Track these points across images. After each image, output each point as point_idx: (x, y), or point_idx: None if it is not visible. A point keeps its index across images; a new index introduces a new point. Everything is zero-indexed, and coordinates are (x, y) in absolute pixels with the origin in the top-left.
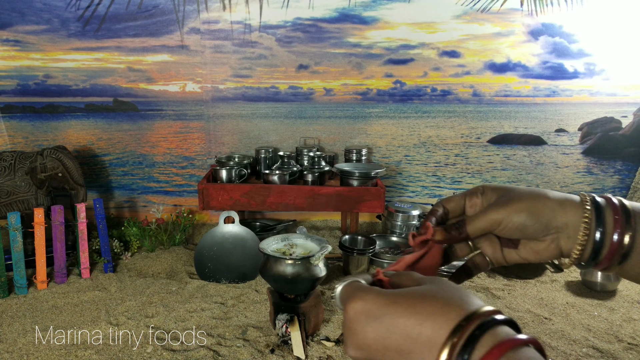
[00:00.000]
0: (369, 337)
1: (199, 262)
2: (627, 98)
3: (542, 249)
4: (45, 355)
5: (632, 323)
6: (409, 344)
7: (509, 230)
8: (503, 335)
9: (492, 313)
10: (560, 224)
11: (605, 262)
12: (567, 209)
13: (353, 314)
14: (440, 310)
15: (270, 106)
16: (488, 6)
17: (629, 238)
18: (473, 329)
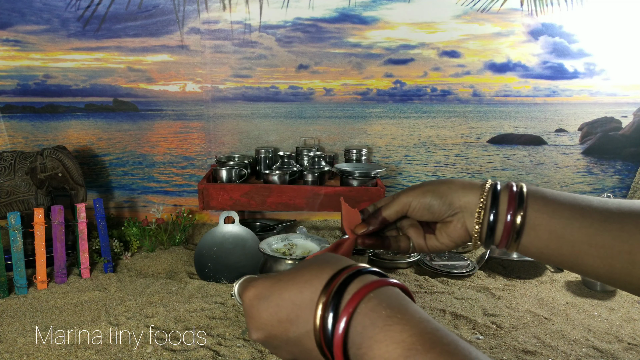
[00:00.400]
0: (263, 316)
1: (199, 262)
2: (627, 98)
3: (452, 230)
4: (45, 355)
5: (632, 323)
6: (296, 311)
7: (418, 210)
8: (366, 281)
9: (360, 267)
10: (463, 204)
11: (503, 241)
12: (467, 191)
13: (248, 301)
14: (315, 274)
15: (270, 106)
16: (488, 6)
17: (520, 218)
18: (341, 281)
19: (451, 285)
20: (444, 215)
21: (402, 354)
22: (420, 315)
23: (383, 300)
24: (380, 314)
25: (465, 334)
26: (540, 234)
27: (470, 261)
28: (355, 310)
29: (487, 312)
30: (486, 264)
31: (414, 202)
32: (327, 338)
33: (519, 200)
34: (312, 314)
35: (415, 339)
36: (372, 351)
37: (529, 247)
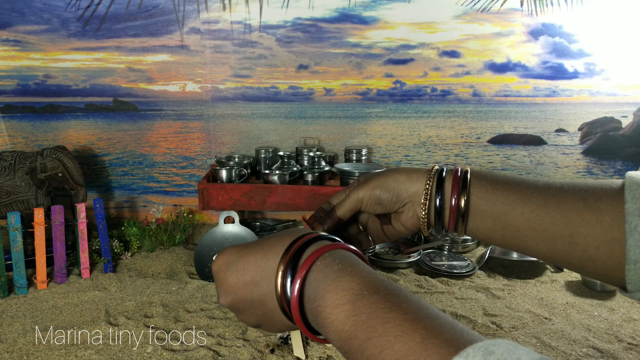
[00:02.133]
0: (230, 280)
1: (199, 262)
2: (627, 98)
3: (404, 219)
4: (45, 355)
5: (632, 323)
6: (260, 273)
7: (370, 205)
8: (322, 244)
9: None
10: (410, 193)
11: (451, 224)
12: (414, 180)
13: (217, 268)
14: (279, 241)
15: (270, 106)
16: (488, 6)
17: (464, 202)
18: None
19: (451, 285)
20: (395, 207)
21: (350, 299)
22: (368, 269)
23: (336, 258)
24: (332, 269)
25: None
26: (485, 220)
27: (470, 261)
28: (311, 269)
29: (487, 312)
30: (486, 264)
31: (365, 198)
32: (286, 297)
33: (462, 184)
34: (274, 276)
35: (362, 287)
36: (324, 301)
37: (476, 231)
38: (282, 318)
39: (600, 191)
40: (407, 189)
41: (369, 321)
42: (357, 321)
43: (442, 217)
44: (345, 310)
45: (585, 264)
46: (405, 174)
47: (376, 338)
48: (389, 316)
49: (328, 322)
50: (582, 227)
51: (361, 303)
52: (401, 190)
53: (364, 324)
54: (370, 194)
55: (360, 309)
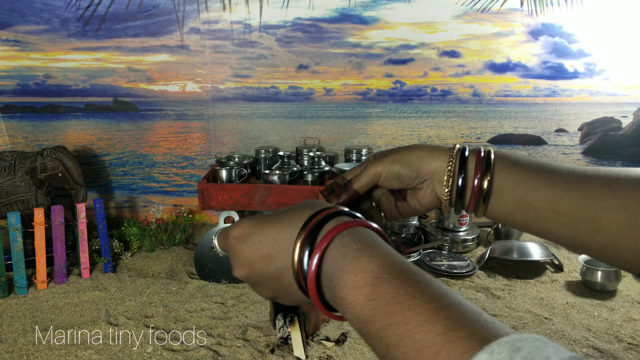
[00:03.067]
0: (246, 253)
1: (199, 262)
2: (627, 98)
3: (422, 196)
4: (45, 355)
5: (632, 323)
6: (277, 247)
7: (388, 180)
8: (341, 220)
9: (339, 209)
10: (431, 170)
11: (471, 205)
12: (435, 156)
13: (233, 240)
14: (297, 214)
15: (270, 106)
16: (488, 6)
17: (487, 183)
18: (319, 220)
19: (451, 285)
20: (414, 183)
21: (369, 282)
22: (389, 249)
23: (356, 236)
24: (352, 248)
25: None
26: (507, 201)
27: (470, 261)
28: (329, 246)
29: (487, 312)
30: (486, 264)
31: (383, 172)
32: (303, 272)
33: (485, 165)
34: (291, 250)
35: (383, 269)
36: (342, 281)
37: (496, 212)
38: (298, 292)
39: (625, 177)
40: (428, 166)
41: (389, 306)
42: (376, 305)
43: (464, 197)
44: (364, 293)
45: (606, 250)
46: (427, 150)
47: (396, 325)
48: (410, 303)
49: (346, 302)
50: (607, 212)
51: (381, 287)
52: (422, 166)
53: (383, 309)
54: (389, 168)
55: (379, 293)
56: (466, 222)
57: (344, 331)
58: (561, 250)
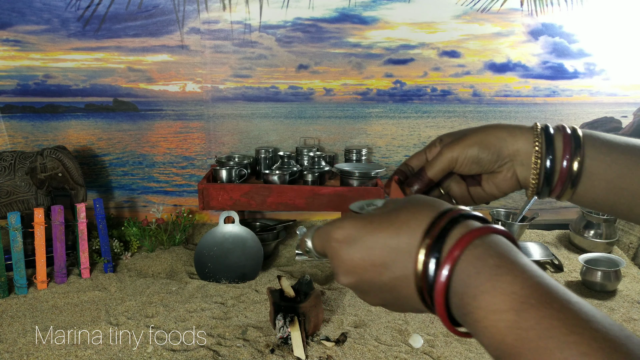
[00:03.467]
0: (355, 259)
1: (199, 262)
2: (627, 98)
3: (500, 180)
4: (45, 355)
5: (632, 323)
6: (391, 254)
7: (466, 165)
8: (471, 226)
9: (461, 210)
10: (512, 152)
11: (557, 189)
12: (517, 136)
13: (336, 244)
14: (413, 216)
15: (270, 106)
16: (488, 6)
17: (577, 164)
18: (443, 225)
19: None
20: (494, 167)
21: (514, 307)
22: (531, 266)
23: (490, 248)
24: (487, 263)
25: None
26: (597, 183)
27: None
28: (459, 257)
29: None
30: None
31: (460, 158)
32: (428, 284)
33: (575, 143)
34: (410, 259)
35: (529, 292)
36: (476, 301)
37: (583, 196)
38: (416, 304)
39: None
40: (509, 147)
41: (542, 341)
42: (522, 337)
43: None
44: (507, 319)
45: None
46: (506, 130)
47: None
48: (570, 340)
49: (481, 325)
50: None
51: (528, 315)
52: (502, 148)
53: (534, 343)
54: (466, 152)
55: (527, 322)
56: None
57: (344, 331)
58: (561, 250)
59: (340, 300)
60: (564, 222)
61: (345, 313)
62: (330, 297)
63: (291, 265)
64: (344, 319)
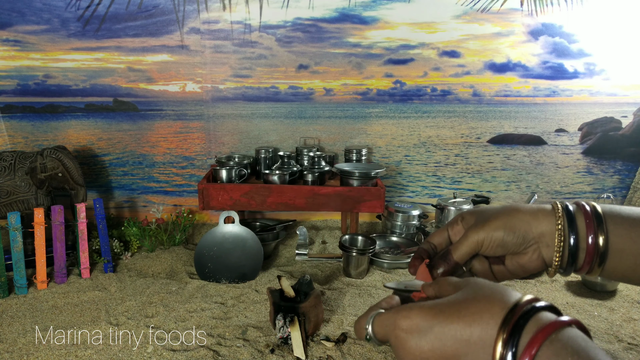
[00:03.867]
0: (424, 349)
1: (199, 262)
2: (627, 98)
3: (526, 261)
4: (45, 355)
5: (632, 323)
6: (463, 347)
7: (491, 248)
8: (545, 320)
9: (532, 301)
10: (537, 234)
11: (586, 266)
12: (540, 219)
13: (403, 334)
14: (485, 308)
15: (270, 106)
16: (488, 6)
17: (602, 240)
18: (516, 320)
19: None
20: (519, 249)
21: None
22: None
23: (567, 344)
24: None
25: None
26: (624, 259)
27: None
28: (537, 354)
29: None
30: None
31: (486, 241)
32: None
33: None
34: (484, 352)
35: None
36: None
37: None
38: None
39: None
40: (534, 230)
41: None
42: None
43: (577, 258)
44: None
45: None
46: (529, 213)
47: None
48: None
49: None
50: None
51: None
52: (528, 231)
53: None
54: (492, 235)
55: None
56: None
57: (344, 331)
58: None
59: (340, 300)
60: None
61: (345, 313)
62: (330, 297)
63: (291, 265)
64: (344, 319)
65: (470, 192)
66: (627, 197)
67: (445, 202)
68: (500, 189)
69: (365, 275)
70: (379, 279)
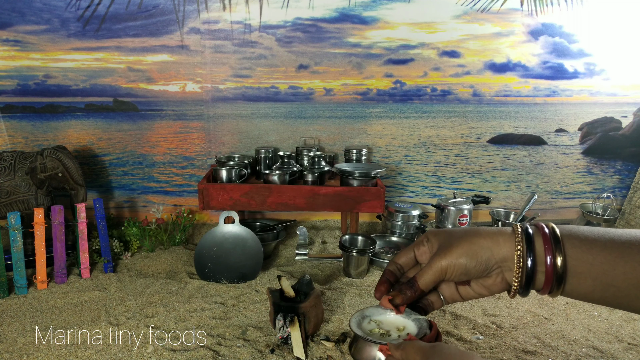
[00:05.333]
0: None
1: (199, 262)
2: (627, 98)
3: (490, 284)
4: (45, 355)
5: (632, 323)
6: None
7: (455, 275)
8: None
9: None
10: (499, 259)
11: (546, 288)
12: (501, 244)
13: None
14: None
15: (270, 106)
16: (488, 6)
17: (560, 261)
18: None
19: None
20: (482, 274)
21: None
22: None
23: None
24: None
25: (465, 334)
26: (583, 281)
27: None
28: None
29: (487, 312)
30: None
31: (449, 269)
32: None
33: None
34: None
35: None
36: None
37: (572, 292)
38: None
39: None
40: (494, 255)
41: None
42: None
43: (534, 280)
44: None
45: None
46: (490, 238)
47: None
48: None
49: None
50: None
51: None
52: (490, 258)
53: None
54: (455, 263)
55: None
56: (466, 223)
57: (344, 331)
58: None
59: (340, 300)
60: (564, 222)
61: (345, 313)
62: (330, 297)
63: (291, 265)
64: (344, 319)
65: (470, 192)
66: (627, 197)
67: (445, 202)
68: (500, 189)
69: (365, 275)
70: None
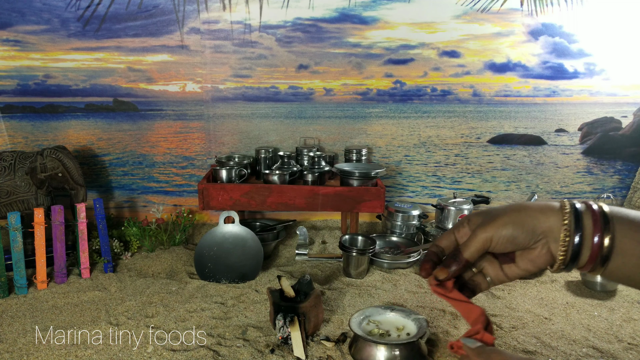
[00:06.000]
0: None
1: (199, 262)
2: (627, 98)
3: (535, 256)
4: (45, 355)
5: (632, 323)
6: None
7: (501, 244)
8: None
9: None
10: (545, 229)
11: (589, 265)
12: (548, 214)
13: None
14: None
15: (270, 106)
16: (488, 6)
17: (608, 240)
18: None
19: None
20: (529, 244)
21: None
22: None
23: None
24: None
25: None
26: (627, 260)
27: None
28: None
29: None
30: None
31: (495, 237)
32: None
33: (603, 221)
34: None
35: None
36: None
37: (616, 272)
38: None
39: None
40: (541, 224)
41: None
42: None
43: (579, 255)
44: None
45: None
46: (538, 209)
47: None
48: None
49: None
50: None
51: None
52: (536, 226)
53: None
54: (501, 231)
55: None
56: None
57: (344, 331)
58: None
59: (340, 300)
60: None
61: (345, 313)
62: (330, 297)
63: (291, 265)
64: (344, 319)
65: (470, 192)
66: (627, 197)
67: (445, 202)
68: (500, 189)
69: (365, 275)
70: (379, 279)
